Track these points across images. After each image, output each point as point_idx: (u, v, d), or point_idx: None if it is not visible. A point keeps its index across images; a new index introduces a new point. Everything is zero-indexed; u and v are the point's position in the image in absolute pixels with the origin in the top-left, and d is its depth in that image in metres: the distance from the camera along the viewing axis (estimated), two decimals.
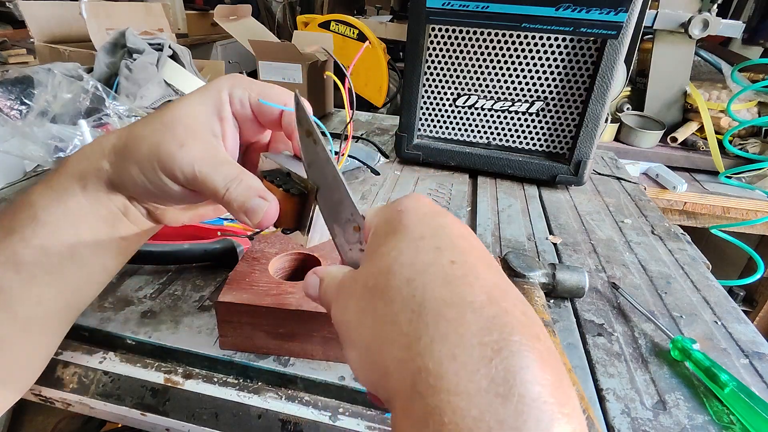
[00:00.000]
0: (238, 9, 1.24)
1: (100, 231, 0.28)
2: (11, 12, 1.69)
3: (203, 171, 0.26)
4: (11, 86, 0.65)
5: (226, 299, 0.32)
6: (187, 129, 0.27)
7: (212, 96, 0.28)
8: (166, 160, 0.26)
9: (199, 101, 0.28)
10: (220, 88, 0.29)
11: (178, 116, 0.27)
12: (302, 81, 0.95)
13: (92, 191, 0.28)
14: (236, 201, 0.26)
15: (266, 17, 2.58)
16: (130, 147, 0.27)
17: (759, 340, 0.41)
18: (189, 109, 0.28)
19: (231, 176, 0.26)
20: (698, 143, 1.15)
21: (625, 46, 0.59)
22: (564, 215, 0.63)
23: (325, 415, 0.32)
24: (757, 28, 1.14)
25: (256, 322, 0.33)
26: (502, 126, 0.71)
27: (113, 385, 0.35)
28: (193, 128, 0.27)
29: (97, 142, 0.28)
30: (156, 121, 0.27)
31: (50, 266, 0.27)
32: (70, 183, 0.27)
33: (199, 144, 0.27)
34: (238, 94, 0.29)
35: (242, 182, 0.26)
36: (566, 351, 0.37)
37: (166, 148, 0.26)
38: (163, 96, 0.80)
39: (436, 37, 0.67)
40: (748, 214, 1.05)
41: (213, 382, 0.34)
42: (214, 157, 0.27)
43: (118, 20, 1.03)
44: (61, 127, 0.59)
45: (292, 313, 0.32)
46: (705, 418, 0.32)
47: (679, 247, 0.56)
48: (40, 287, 0.27)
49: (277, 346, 0.34)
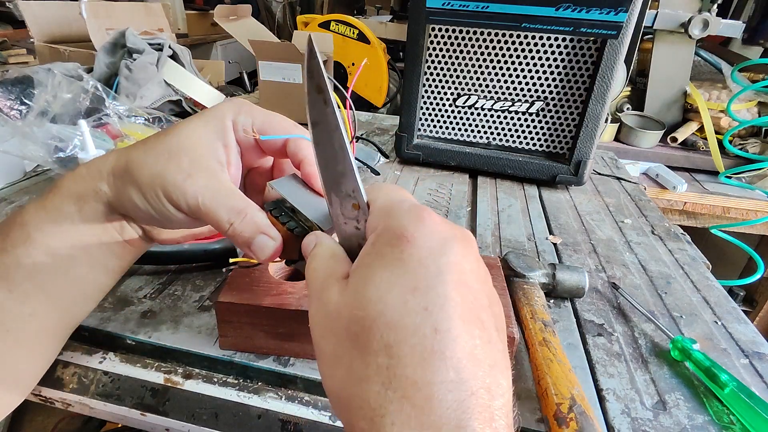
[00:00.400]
0: (238, 9, 1.24)
1: (95, 251, 0.28)
2: (11, 12, 1.69)
3: (207, 204, 0.26)
4: (11, 86, 0.65)
5: (226, 299, 0.32)
6: (192, 159, 0.26)
7: (216, 123, 0.28)
8: (172, 191, 0.26)
9: (204, 128, 0.28)
10: (223, 114, 0.28)
11: (183, 144, 0.27)
12: (302, 81, 0.95)
13: (89, 213, 0.27)
14: (240, 237, 0.26)
15: (266, 17, 2.58)
16: (131, 172, 0.26)
17: (759, 340, 0.41)
18: (193, 137, 0.27)
19: (236, 210, 0.26)
20: (698, 143, 1.15)
21: (625, 46, 0.59)
22: (564, 215, 0.63)
23: (325, 416, 0.32)
24: (757, 28, 1.14)
25: (256, 322, 0.33)
26: (502, 126, 0.71)
27: (113, 385, 0.35)
28: (198, 158, 0.26)
29: (95, 164, 0.28)
30: (159, 147, 0.27)
31: (43, 284, 0.27)
32: (66, 204, 0.27)
33: (204, 174, 0.26)
34: (242, 121, 0.28)
35: (246, 217, 0.26)
36: (566, 351, 0.37)
37: (172, 178, 0.26)
38: (163, 96, 0.80)
39: (436, 37, 0.67)
40: (748, 214, 1.05)
41: (213, 382, 0.34)
42: (218, 190, 0.26)
43: (118, 20, 1.03)
44: (61, 127, 0.59)
45: (292, 313, 0.32)
46: (705, 418, 0.32)
47: (679, 247, 0.56)
48: (33, 304, 0.28)
49: (276, 346, 0.34)
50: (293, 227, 0.27)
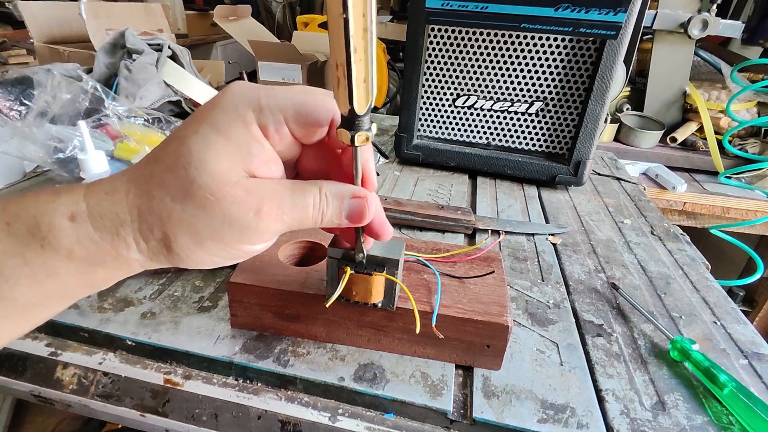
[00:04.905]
0: (238, 9, 1.24)
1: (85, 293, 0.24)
2: (11, 12, 1.69)
3: (283, 228, 0.23)
4: (11, 87, 0.65)
5: (237, 280, 0.35)
6: (240, 206, 0.21)
7: (240, 140, 0.22)
8: (237, 248, 0.23)
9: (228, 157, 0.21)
10: (244, 120, 0.22)
11: (218, 192, 0.21)
12: (302, 81, 0.95)
13: (99, 264, 0.22)
14: (333, 222, 0.24)
15: (266, 17, 2.57)
16: (171, 237, 0.22)
17: (758, 340, 0.41)
18: (219, 175, 0.21)
19: (312, 214, 0.24)
20: (698, 143, 1.15)
21: (625, 46, 0.59)
22: (563, 215, 0.63)
23: (325, 416, 0.32)
24: (757, 28, 1.14)
25: (264, 303, 0.35)
26: (501, 126, 0.71)
27: (113, 386, 0.35)
28: (243, 203, 0.22)
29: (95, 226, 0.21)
30: (191, 202, 0.21)
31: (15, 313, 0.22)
32: (57, 260, 0.21)
33: (265, 216, 0.22)
34: (271, 120, 0.22)
35: (327, 201, 0.24)
36: (566, 352, 0.38)
37: (225, 238, 0.22)
38: (163, 96, 0.80)
39: (435, 37, 0.67)
40: (747, 214, 1.05)
41: (212, 383, 0.34)
42: (280, 218, 0.23)
43: (118, 20, 1.03)
44: (60, 128, 0.59)
45: (297, 295, 0.34)
46: (704, 418, 0.32)
47: (678, 248, 0.56)
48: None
49: (283, 327, 0.36)
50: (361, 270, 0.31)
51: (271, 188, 0.22)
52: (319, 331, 0.36)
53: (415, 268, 0.38)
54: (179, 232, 0.22)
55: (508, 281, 0.46)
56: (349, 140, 0.22)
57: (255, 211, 0.22)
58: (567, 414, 0.32)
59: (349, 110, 0.20)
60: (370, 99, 0.21)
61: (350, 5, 0.17)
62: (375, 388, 0.33)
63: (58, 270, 0.21)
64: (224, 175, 0.21)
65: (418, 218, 0.55)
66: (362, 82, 0.20)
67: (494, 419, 0.31)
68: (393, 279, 0.31)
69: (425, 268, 0.38)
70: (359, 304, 0.33)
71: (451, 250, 0.41)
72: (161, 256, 0.23)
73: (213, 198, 0.21)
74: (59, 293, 0.22)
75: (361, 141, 0.22)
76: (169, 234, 0.22)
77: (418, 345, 0.35)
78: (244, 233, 0.22)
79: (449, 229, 0.56)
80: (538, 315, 0.42)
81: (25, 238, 0.21)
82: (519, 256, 0.51)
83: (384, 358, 0.35)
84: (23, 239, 0.21)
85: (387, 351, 0.36)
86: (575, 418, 0.32)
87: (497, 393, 0.33)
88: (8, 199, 0.22)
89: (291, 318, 0.36)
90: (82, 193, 0.22)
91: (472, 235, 0.56)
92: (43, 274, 0.21)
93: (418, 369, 0.35)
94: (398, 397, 0.32)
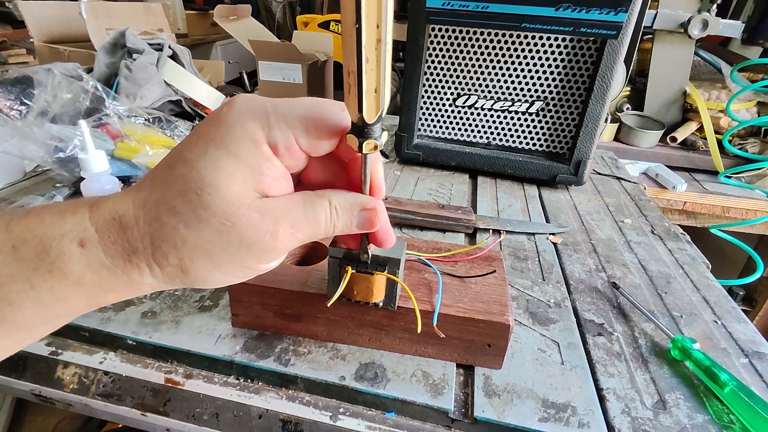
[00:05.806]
0: (238, 9, 1.24)
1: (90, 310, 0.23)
2: (11, 12, 1.69)
3: (297, 244, 0.23)
4: (11, 86, 0.65)
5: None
6: (256, 229, 0.21)
7: (251, 161, 0.21)
8: (254, 267, 0.23)
9: (239, 177, 0.21)
10: (253, 138, 0.21)
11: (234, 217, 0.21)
12: (302, 81, 0.95)
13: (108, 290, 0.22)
14: (344, 231, 0.25)
15: (266, 17, 2.57)
16: (188, 263, 0.22)
17: (759, 339, 0.41)
18: (233, 199, 0.21)
19: (324, 228, 0.24)
20: (698, 143, 1.15)
21: (625, 46, 0.59)
22: (564, 215, 0.63)
23: (326, 415, 0.32)
24: (757, 27, 1.14)
25: (265, 303, 0.35)
26: (502, 126, 0.71)
27: (114, 385, 0.35)
28: (259, 226, 0.21)
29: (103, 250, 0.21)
30: (206, 228, 0.21)
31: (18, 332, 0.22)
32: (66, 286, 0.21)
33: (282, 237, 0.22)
34: (281, 138, 0.22)
35: (338, 214, 0.24)
36: (566, 351, 0.38)
37: (243, 260, 0.22)
38: (163, 96, 0.80)
39: (435, 37, 0.67)
40: (747, 213, 1.05)
41: (213, 382, 0.34)
42: (294, 236, 0.23)
43: (118, 20, 1.03)
44: (60, 128, 0.59)
45: (298, 295, 0.34)
46: (705, 417, 0.32)
47: (678, 247, 0.56)
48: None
49: (284, 326, 0.36)
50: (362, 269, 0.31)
51: (284, 207, 0.22)
52: (320, 330, 0.36)
53: (416, 268, 0.38)
54: (196, 257, 0.21)
55: (509, 280, 0.46)
56: (357, 147, 0.22)
57: (271, 234, 0.22)
58: (568, 413, 0.32)
59: (359, 118, 0.20)
60: (381, 108, 0.20)
61: (364, 16, 0.17)
62: (376, 388, 0.33)
63: (67, 295, 0.21)
64: (238, 198, 0.21)
65: (418, 218, 0.55)
66: (373, 92, 0.20)
67: (495, 418, 0.31)
68: (394, 278, 0.31)
69: (426, 267, 0.38)
70: (360, 304, 0.33)
71: (452, 250, 0.41)
72: (177, 279, 0.22)
73: (229, 223, 0.21)
74: (65, 314, 0.22)
75: (369, 149, 0.22)
76: (186, 259, 0.21)
77: (419, 344, 0.35)
78: (261, 255, 0.22)
79: (450, 229, 0.56)
80: (539, 314, 0.42)
81: (33, 262, 0.20)
82: (520, 256, 0.51)
83: (385, 358, 0.36)
84: (30, 263, 0.20)
85: (388, 350, 0.36)
86: (576, 417, 0.32)
87: (498, 392, 0.33)
88: (10, 218, 0.21)
89: (292, 317, 0.36)
90: (87, 216, 0.21)
91: (472, 234, 0.56)
92: (51, 298, 0.20)
93: (419, 368, 0.35)
94: (399, 396, 0.32)
